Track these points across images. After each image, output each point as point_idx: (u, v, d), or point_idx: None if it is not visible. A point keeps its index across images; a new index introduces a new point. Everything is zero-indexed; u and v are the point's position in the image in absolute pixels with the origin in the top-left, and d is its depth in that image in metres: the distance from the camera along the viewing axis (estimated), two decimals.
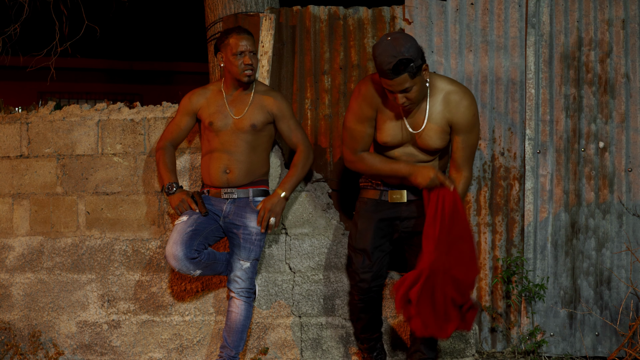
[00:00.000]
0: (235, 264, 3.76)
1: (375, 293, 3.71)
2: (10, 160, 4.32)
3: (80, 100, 10.60)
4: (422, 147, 3.51)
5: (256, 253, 3.78)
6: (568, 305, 4.34)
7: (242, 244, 3.75)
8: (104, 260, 4.21)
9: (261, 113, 3.76)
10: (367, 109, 3.50)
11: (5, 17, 5.26)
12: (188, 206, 3.77)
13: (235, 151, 3.74)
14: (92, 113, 4.26)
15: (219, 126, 3.75)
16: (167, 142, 3.88)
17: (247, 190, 3.78)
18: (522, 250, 4.32)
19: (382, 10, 4.47)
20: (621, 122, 4.33)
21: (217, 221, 3.80)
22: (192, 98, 3.86)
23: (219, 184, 3.77)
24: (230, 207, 3.77)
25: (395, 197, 3.59)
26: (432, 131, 3.47)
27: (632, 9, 4.34)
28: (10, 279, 4.30)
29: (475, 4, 4.38)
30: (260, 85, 3.85)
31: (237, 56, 3.69)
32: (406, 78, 3.24)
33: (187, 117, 3.86)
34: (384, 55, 3.21)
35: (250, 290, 3.78)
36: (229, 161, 3.74)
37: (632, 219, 4.31)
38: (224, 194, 3.78)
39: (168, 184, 3.80)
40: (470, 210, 4.37)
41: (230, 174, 3.74)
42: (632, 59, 4.34)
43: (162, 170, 3.84)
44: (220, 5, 4.72)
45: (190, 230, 3.69)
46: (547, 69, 4.36)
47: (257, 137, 3.77)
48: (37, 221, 4.28)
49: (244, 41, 3.70)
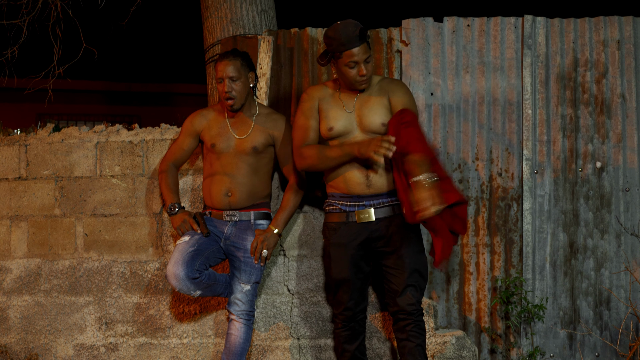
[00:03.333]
0: (235, 286, 3.75)
1: (361, 320, 3.67)
2: (8, 182, 4.32)
3: (79, 121, 10.62)
4: (366, 128, 3.52)
5: (257, 276, 3.76)
6: (568, 325, 4.32)
7: (243, 267, 3.74)
8: (101, 282, 4.20)
9: (263, 135, 3.76)
10: (310, 104, 3.60)
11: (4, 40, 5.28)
12: (190, 226, 3.76)
13: (237, 174, 3.73)
14: (91, 135, 4.27)
15: (221, 148, 3.75)
16: (169, 164, 3.89)
17: (249, 213, 3.77)
18: (520, 271, 4.31)
19: (379, 32, 4.50)
20: (618, 142, 4.35)
21: (219, 242, 3.79)
22: (194, 119, 3.86)
23: (221, 206, 3.77)
24: (231, 229, 3.76)
25: (362, 217, 3.53)
26: (375, 105, 3.52)
27: (627, 30, 4.37)
28: (7, 302, 4.28)
29: (471, 26, 4.42)
30: (262, 108, 3.85)
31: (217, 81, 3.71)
32: (367, 47, 3.45)
33: (189, 139, 3.87)
34: (347, 28, 3.42)
35: (251, 313, 3.76)
36: (231, 184, 3.73)
37: (630, 238, 4.31)
38: (225, 216, 3.77)
39: (170, 204, 3.81)
40: (469, 231, 4.37)
41: (232, 196, 3.74)
42: (628, 80, 4.36)
43: (164, 191, 3.85)
44: (219, 27, 4.75)
45: (191, 251, 3.68)
46: (543, 90, 4.38)
47: (259, 159, 3.77)
48: (34, 243, 4.27)
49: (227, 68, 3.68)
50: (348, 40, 3.41)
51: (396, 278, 3.48)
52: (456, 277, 4.39)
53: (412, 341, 3.46)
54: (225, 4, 4.75)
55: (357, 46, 3.42)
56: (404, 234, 3.50)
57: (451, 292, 4.39)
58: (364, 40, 3.43)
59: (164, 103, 11.10)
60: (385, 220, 3.52)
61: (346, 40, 3.41)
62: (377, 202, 3.51)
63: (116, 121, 10.42)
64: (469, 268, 4.37)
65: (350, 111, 3.55)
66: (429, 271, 4.38)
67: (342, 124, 3.54)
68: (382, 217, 3.52)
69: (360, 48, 3.42)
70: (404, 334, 3.49)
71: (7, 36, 5.24)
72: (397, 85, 3.59)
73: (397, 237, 3.49)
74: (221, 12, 4.76)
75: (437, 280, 4.39)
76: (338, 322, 3.66)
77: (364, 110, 3.53)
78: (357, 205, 3.54)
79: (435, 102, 4.41)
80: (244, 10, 4.75)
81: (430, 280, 4.38)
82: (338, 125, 3.54)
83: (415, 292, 3.46)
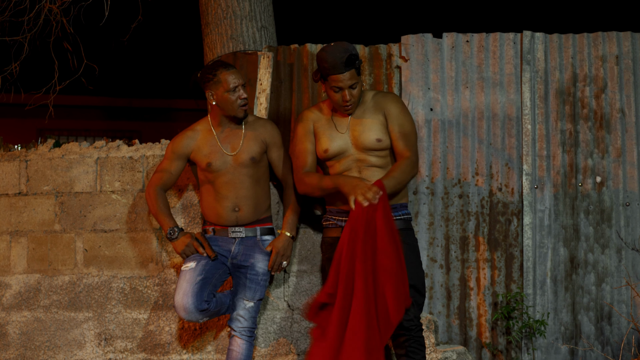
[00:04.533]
0: (239, 303, 3.70)
1: None
2: (8, 197, 4.33)
3: (80, 137, 10.64)
4: (361, 146, 3.52)
5: (261, 293, 3.73)
6: (569, 341, 4.31)
7: (248, 284, 3.70)
8: (101, 298, 4.19)
9: (256, 143, 3.70)
10: (305, 127, 3.61)
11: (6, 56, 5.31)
12: (195, 250, 3.68)
13: (241, 187, 3.68)
14: (91, 151, 4.28)
15: (218, 166, 3.69)
16: (157, 188, 3.74)
17: (255, 229, 3.73)
18: (521, 286, 4.30)
19: (378, 48, 4.52)
20: (618, 157, 4.35)
21: (225, 263, 3.74)
22: (182, 142, 3.73)
23: (228, 223, 3.71)
24: (238, 247, 3.71)
25: None
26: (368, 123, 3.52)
27: (625, 45, 4.39)
28: (6, 317, 4.27)
29: (470, 42, 4.44)
30: (248, 117, 3.77)
31: (231, 92, 3.61)
32: (354, 74, 3.44)
33: (177, 162, 3.74)
34: (336, 52, 3.41)
35: (252, 330, 3.73)
36: (237, 199, 3.67)
37: (631, 253, 4.30)
38: (231, 233, 3.72)
39: (169, 230, 3.69)
40: (469, 246, 4.37)
41: (240, 211, 3.68)
42: (627, 94, 4.38)
43: (159, 217, 3.73)
44: (219, 44, 4.77)
45: (199, 280, 3.61)
46: (543, 105, 4.39)
47: (258, 169, 3.73)
48: (34, 259, 4.27)
49: (234, 75, 3.61)
50: (334, 65, 3.41)
51: None
52: (457, 293, 4.38)
53: (411, 357, 3.45)
54: (226, 21, 4.78)
55: (342, 72, 3.41)
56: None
57: (452, 308, 4.38)
58: (350, 66, 3.41)
59: (165, 119, 11.12)
60: None
61: (332, 65, 3.41)
62: None
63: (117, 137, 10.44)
64: (470, 283, 4.36)
65: (344, 132, 3.56)
66: (429, 286, 4.37)
67: (337, 145, 3.55)
68: None
69: (346, 75, 3.41)
70: (402, 350, 3.47)
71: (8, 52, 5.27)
72: (392, 100, 3.59)
73: None
74: (221, 29, 4.79)
75: (437, 296, 4.38)
76: None
77: (358, 129, 3.53)
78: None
79: (435, 118, 4.42)
80: (244, 27, 4.78)
81: (431, 295, 4.37)
82: (333, 147, 3.55)
83: (412, 308, 3.45)
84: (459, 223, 4.38)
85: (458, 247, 4.38)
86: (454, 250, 4.38)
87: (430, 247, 4.38)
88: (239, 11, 4.77)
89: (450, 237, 4.38)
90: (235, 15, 4.77)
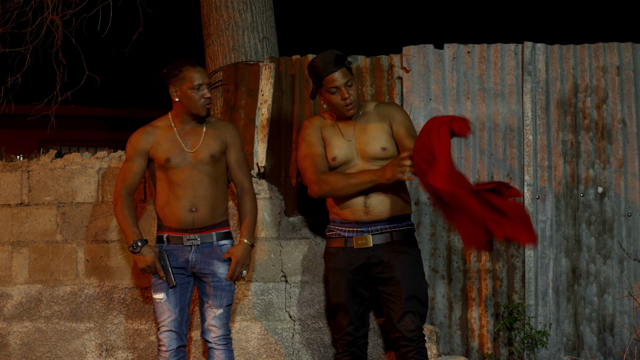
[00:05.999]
0: (207, 312, 3.61)
1: (362, 345, 3.64)
2: (10, 208, 4.33)
3: (81, 147, 10.65)
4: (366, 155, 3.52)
5: (229, 299, 3.63)
6: (571, 352, 4.29)
7: (213, 292, 3.60)
8: (102, 308, 4.18)
9: (217, 142, 3.64)
10: (314, 132, 3.62)
11: (7, 67, 5.33)
12: (155, 271, 3.58)
13: (199, 186, 3.59)
14: (93, 161, 4.28)
15: (177, 162, 3.59)
16: (123, 192, 3.63)
17: (211, 234, 3.62)
18: (523, 297, 4.29)
19: (380, 59, 4.53)
20: (619, 168, 4.35)
21: (188, 275, 3.64)
22: (140, 138, 3.64)
23: (184, 224, 3.59)
24: (195, 256, 3.60)
25: (360, 243, 3.53)
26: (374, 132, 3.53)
27: (626, 56, 4.40)
28: (7, 328, 4.26)
29: (471, 52, 4.45)
30: (210, 117, 3.73)
31: (195, 90, 3.55)
32: (346, 72, 3.49)
33: (139, 159, 3.62)
34: (324, 56, 3.50)
35: (228, 337, 3.63)
36: (194, 198, 3.58)
37: (633, 264, 4.30)
38: (186, 241, 3.60)
39: (133, 242, 3.55)
40: (471, 256, 4.37)
41: (197, 212, 3.58)
42: (628, 105, 4.38)
43: (123, 225, 3.59)
44: (221, 54, 4.78)
45: (178, 314, 3.58)
46: (544, 116, 4.40)
47: (217, 168, 3.64)
48: (36, 269, 4.26)
49: (200, 74, 3.57)
50: (325, 67, 3.47)
51: (394, 304, 3.47)
52: (458, 303, 4.37)
53: None
54: (227, 32, 4.79)
55: (335, 71, 3.46)
56: (401, 260, 3.49)
57: (453, 318, 4.37)
58: (341, 65, 3.47)
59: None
60: (383, 246, 3.52)
61: (323, 68, 3.47)
62: (375, 229, 3.52)
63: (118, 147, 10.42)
64: (471, 294, 4.36)
65: (350, 140, 3.56)
66: (430, 297, 4.36)
67: (344, 153, 3.56)
68: (380, 244, 3.52)
69: (338, 73, 3.47)
70: None
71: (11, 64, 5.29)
72: (396, 108, 3.62)
73: (395, 263, 3.49)
74: (223, 40, 4.80)
75: (439, 307, 4.38)
76: (339, 347, 3.64)
77: (364, 138, 3.54)
78: (355, 231, 3.54)
79: None
80: (245, 38, 4.79)
81: (432, 306, 4.36)
82: (340, 154, 3.55)
83: (414, 318, 3.45)
84: None
85: (460, 257, 4.37)
86: (455, 260, 4.38)
87: (432, 258, 4.38)
88: (240, 22, 4.79)
89: (452, 247, 4.38)
90: (237, 27, 4.79)
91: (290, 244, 4.07)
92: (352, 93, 3.51)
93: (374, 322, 3.98)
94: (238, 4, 4.81)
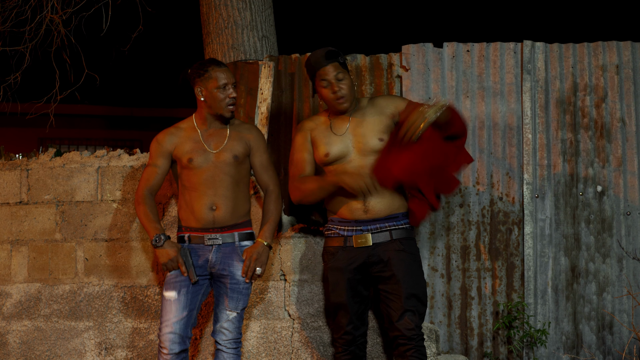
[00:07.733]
0: (221, 314, 3.59)
1: (361, 344, 3.65)
2: (9, 206, 4.33)
3: (81, 146, 10.66)
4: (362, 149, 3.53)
5: (244, 302, 3.62)
6: (570, 350, 4.30)
7: (230, 294, 3.58)
8: (102, 307, 4.18)
9: (240, 144, 3.64)
10: (301, 137, 3.66)
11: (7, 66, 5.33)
12: (177, 266, 3.56)
13: (220, 186, 3.58)
14: (92, 160, 4.28)
15: (199, 162, 3.60)
16: (145, 192, 3.63)
17: (233, 234, 3.61)
18: (522, 295, 4.30)
19: (379, 57, 4.53)
20: (618, 166, 4.36)
21: (206, 276, 3.63)
22: (164, 139, 3.67)
23: (204, 223, 3.59)
24: (216, 256, 3.60)
25: (360, 242, 3.53)
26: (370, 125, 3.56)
27: (626, 55, 4.40)
28: (6, 327, 4.27)
29: (471, 51, 4.45)
30: (234, 119, 3.74)
31: (221, 89, 3.56)
32: (338, 66, 3.53)
33: (162, 160, 3.65)
34: (317, 52, 3.57)
35: (238, 341, 3.61)
36: (215, 197, 3.57)
37: (632, 262, 4.30)
38: (207, 240, 3.60)
39: (155, 236, 3.55)
40: (470, 255, 4.37)
41: (216, 210, 3.57)
42: (627, 104, 4.38)
43: (145, 222, 3.59)
44: (220, 53, 4.79)
45: (185, 315, 3.54)
46: (543, 114, 4.40)
47: (239, 170, 3.64)
48: (35, 268, 4.26)
49: (225, 73, 3.58)
50: (317, 61, 3.54)
51: (394, 303, 3.47)
52: (458, 302, 4.37)
53: None
54: (227, 30, 4.79)
55: (325, 65, 3.51)
56: (401, 259, 3.49)
57: (453, 317, 4.37)
58: (332, 59, 3.52)
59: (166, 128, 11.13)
60: (382, 245, 3.52)
61: (315, 62, 3.54)
62: (374, 227, 3.52)
63: (118, 146, 10.45)
64: (471, 293, 4.36)
65: (344, 134, 3.57)
66: (430, 296, 4.36)
67: (338, 149, 3.56)
68: (379, 242, 3.52)
69: (329, 66, 3.52)
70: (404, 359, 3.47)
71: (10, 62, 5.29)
72: (390, 95, 3.71)
73: (394, 262, 3.49)
74: (222, 38, 4.80)
75: (438, 305, 4.38)
76: (338, 346, 3.64)
77: (359, 132, 3.55)
78: (354, 230, 3.55)
79: None
80: (245, 37, 4.79)
81: (432, 305, 4.36)
82: (334, 150, 3.56)
83: (413, 317, 3.45)
84: (459, 232, 4.38)
85: (459, 256, 4.38)
86: (454, 259, 4.38)
87: (431, 257, 4.38)
88: (240, 21, 4.79)
89: (451, 246, 4.38)
90: (237, 25, 4.79)
91: (289, 242, 4.07)
92: (343, 87, 3.53)
93: (373, 320, 3.98)
94: (237, 2, 4.81)
